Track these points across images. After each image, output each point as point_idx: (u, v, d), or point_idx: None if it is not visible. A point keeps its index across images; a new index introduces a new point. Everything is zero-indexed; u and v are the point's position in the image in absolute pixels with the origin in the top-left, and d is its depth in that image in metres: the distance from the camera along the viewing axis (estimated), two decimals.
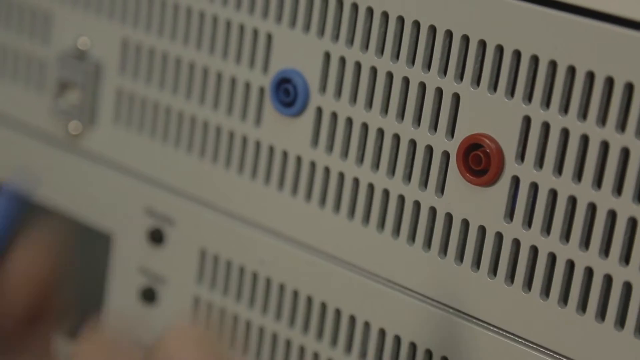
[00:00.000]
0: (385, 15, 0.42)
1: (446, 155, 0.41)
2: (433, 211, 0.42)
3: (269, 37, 0.46)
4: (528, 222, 0.40)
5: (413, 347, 0.43)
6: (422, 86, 0.42)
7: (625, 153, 0.37)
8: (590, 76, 0.38)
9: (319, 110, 0.44)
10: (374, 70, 0.43)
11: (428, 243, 0.42)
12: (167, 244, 0.50)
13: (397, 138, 0.43)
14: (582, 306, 0.39)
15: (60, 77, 0.52)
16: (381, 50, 0.43)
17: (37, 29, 0.53)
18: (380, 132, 0.43)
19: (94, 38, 0.51)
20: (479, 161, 0.40)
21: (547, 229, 0.39)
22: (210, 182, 0.48)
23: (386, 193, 0.43)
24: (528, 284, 0.40)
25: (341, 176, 0.44)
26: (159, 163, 0.50)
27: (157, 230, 0.50)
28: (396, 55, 0.42)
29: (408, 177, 0.42)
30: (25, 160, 0.55)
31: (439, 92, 0.41)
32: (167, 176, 0.49)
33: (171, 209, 0.49)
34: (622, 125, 0.38)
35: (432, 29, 0.41)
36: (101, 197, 0.52)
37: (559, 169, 0.39)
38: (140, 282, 0.51)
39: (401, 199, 0.43)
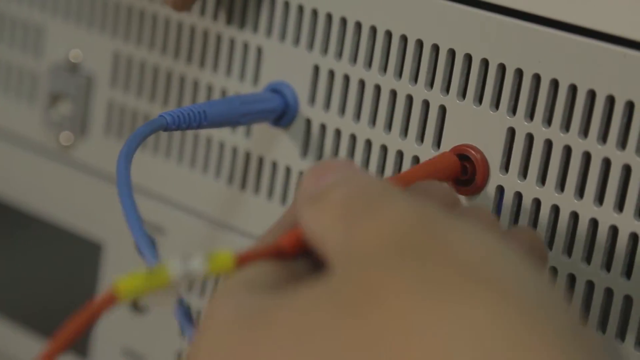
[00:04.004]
0: (373, 30, 0.43)
1: None
2: None
3: (259, 51, 0.47)
4: None
5: None
6: (410, 98, 0.43)
7: (607, 163, 0.39)
8: (573, 89, 0.39)
9: (308, 122, 0.45)
10: (362, 83, 0.44)
11: None
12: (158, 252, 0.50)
13: (384, 149, 0.44)
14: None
15: (52, 89, 0.53)
16: (369, 64, 0.44)
17: (30, 42, 0.54)
18: (368, 143, 0.44)
19: (86, 51, 0.52)
20: (465, 171, 0.41)
21: None
22: (200, 192, 0.49)
23: None
24: None
25: None
26: (150, 173, 0.50)
27: (151, 240, 0.50)
28: (384, 69, 0.43)
29: None
30: (16, 171, 0.55)
31: (426, 104, 0.42)
32: (157, 186, 0.50)
33: (162, 219, 0.50)
34: (603, 137, 0.39)
35: (419, 43, 0.42)
36: (92, 207, 0.53)
37: (542, 179, 0.40)
38: None
39: None
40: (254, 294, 0.30)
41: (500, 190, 0.41)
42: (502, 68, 0.40)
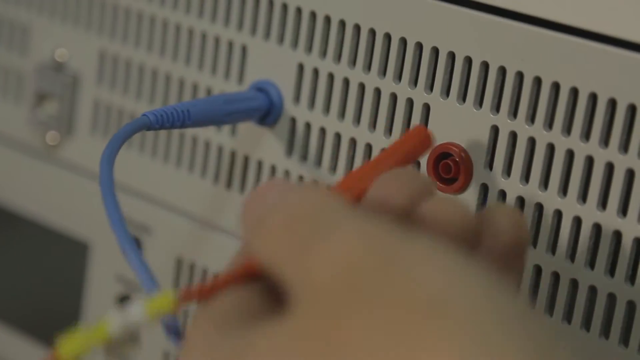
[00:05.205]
0: (357, 28, 0.43)
1: (417, 163, 0.42)
2: None
3: (244, 49, 0.47)
4: None
5: None
6: (394, 97, 0.43)
7: (590, 161, 0.39)
8: (556, 87, 0.39)
9: (293, 121, 0.45)
10: (346, 82, 0.44)
11: None
12: (143, 252, 0.50)
13: (369, 147, 0.44)
14: (550, 308, 0.40)
15: (38, 88, 0.53)
16: (353, 62, 0.44)
17: (15, 41, 0.54)
18: (353, 142, 0.44)
19: (72, 49, 0.52)
20: (449, 169, 0.41)
21: None
22: (186, 191, 0.49)
23: None
24: None
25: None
26: (136, 172, 0.50)
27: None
28: (368, 67, 0.43)
29: None
30: (3, 171, 0.55)
31: (410, 102, 0.42)
32: (144, 185, 0.50)
33: (148, 218, 0.50)
34: (587, 134, 0.39)
35: (403, 41, 0.42)
36: (78, 207, 0.53)
37: (526, 176, 0.40)
38: (117, 290, 0.51)
39: None
40: (223, 334, 0.30)
41: (485, 188, 0.41)
42: (485, 66, 0.40)
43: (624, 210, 0.38)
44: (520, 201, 0.40)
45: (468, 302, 0.27)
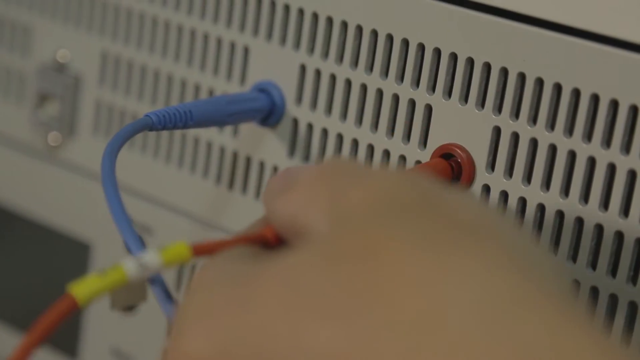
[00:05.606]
0: (359, 29, 0.43)
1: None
2: None
3: (246, 50, 0.47)
4: None
5: None
6: (396, 98, 0.43)
7: (592, 162, 0.39)
8: (558, 88, 0.39)
9: (295, 122, 0.45)
10: (348, 82, 0.44)
11: None
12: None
13: (371, 148, 0.44)
14: None
15: (39, 88, 0.53)
16: (355, 63, 0.44)
17: (17, 42, 0.54)
18: (355, 143, 0.44)
19: (74, 50, 0.52)
20: (451, 170, 0.41)
21: None
22: (188, 191, 0.49)
23: None
24: None
25: None
26: (138, 173, 0.50)
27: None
28: (370, 68, 0.43)
29: None
30: (4, 171, 0.55)
31: (412, 103, 0.42)
32: (146, 186, 0.50)
33: (150, 218, 0.50)
34: (589, 135, 0.39)
35: (405, 42, 0.42)
36: (80, 207, 0.53)
37: (528, 177, 0.40)
38: None
39: None
40: (237, 261, 0.30)
41: (487, 189, 0.41)
42: (487, 67, 0.41)
43: (625, 211, 0.38)
44: (522, 202, 0.40)
45: (497, 234, 0.28)
